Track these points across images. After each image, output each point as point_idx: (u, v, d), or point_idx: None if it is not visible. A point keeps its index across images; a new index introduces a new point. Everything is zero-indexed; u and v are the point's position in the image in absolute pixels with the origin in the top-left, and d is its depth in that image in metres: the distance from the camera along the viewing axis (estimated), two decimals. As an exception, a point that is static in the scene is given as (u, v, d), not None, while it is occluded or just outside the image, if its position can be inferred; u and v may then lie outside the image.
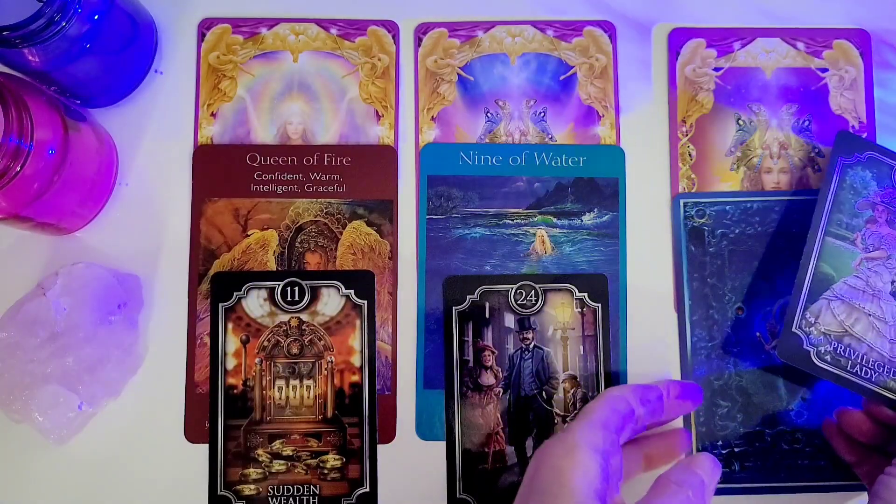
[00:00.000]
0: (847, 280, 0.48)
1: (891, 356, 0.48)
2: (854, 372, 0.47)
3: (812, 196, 0.51)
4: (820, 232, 0.48)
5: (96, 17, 0.46)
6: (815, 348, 0.47)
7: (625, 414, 0.43)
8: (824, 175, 0.50)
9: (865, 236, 0.49)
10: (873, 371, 0.47)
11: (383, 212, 0.54)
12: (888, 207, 0.49)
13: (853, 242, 0.49)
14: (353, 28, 0.55)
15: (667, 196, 0.54)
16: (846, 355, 0.47)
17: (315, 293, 0.52)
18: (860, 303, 0.48)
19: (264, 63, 0.55)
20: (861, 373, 0.47)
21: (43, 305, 0.49)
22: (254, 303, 0.52)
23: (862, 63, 0.55)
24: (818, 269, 0.48)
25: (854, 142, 0.50)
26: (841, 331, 0.48)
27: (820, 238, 0.48)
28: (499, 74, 0.55)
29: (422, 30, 0.55)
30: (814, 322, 0.48)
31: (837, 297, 0.48)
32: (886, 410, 0.47)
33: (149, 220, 0.53)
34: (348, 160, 0.54)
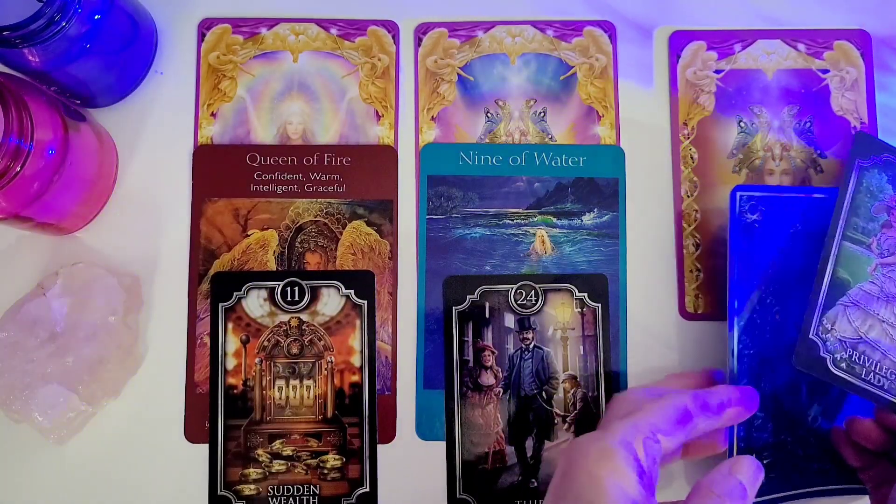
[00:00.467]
0: (862, 286, 0.47)
1: None
2: (867, 380, 0.46)
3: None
4: (837, 236, 0.46)
5: (96, 17, 0.46)
6: (832, 355, 0.46)
7: (677, 420, 0.40)
8: (841, 177, 0.48)
9: (881, 241, 0.47)
10: (886, 379, 0.46)
11: (383, 212, 0.54)
12: None
13: (869, 247, 0.47)
14: (353, 28, 0.55)
15: (668, 198, 0.54)
16: (861, 362, 0.46)
17: (315, 293, 0.52)
18: (874, 309, 0.47)
19: (264, 63, 0.55)
20: (875, 381, 0.46)
21: (43, 305, 0.49)
22: (254, 303, 0.52)
23: (863, 64, 0.55)
24: (835, 275, 0.46)
25: (872, 144, 0.49)
26: (856, 337, 0.46)
27: (837, 242, 0.46)
28: (499, 74, 0.55)
29: (422, 30, 0.55)
30: (830, 328, 0.46)
31: (853, 303, 0.47)
32: None
33: (149, 220, 0.53)
34: (348, 160, 0.54)
